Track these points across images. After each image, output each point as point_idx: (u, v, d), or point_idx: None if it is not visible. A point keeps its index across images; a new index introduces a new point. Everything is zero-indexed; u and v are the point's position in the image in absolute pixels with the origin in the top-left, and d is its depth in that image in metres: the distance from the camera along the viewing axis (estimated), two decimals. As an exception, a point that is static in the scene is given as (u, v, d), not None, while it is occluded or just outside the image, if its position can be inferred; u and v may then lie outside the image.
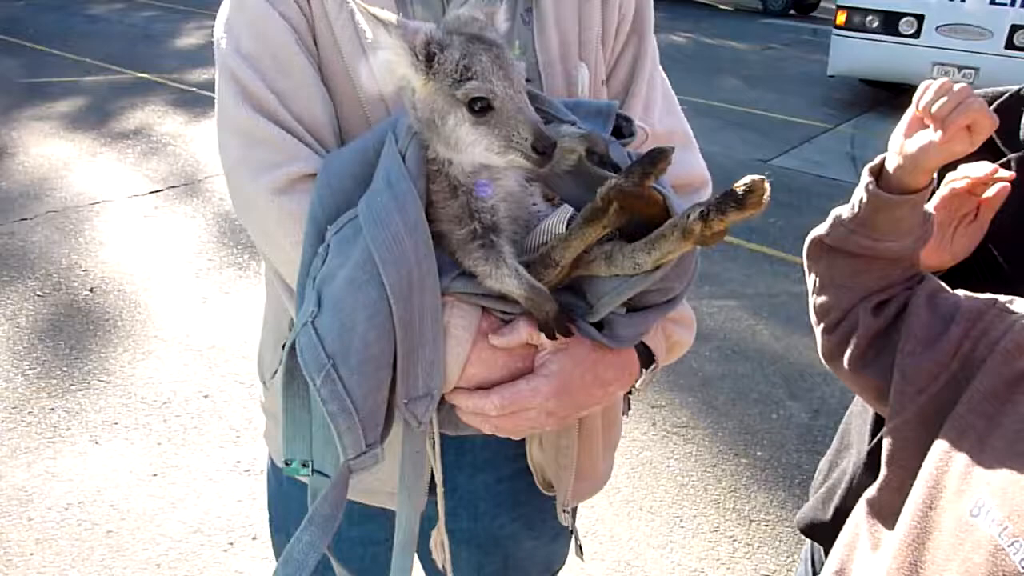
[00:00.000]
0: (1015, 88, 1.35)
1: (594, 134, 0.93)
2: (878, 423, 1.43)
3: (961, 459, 0.90)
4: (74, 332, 3.68)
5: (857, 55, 8.85)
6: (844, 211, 1.15)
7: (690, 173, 1.17)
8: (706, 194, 1.19)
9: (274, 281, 1.10)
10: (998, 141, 1.31)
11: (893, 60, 8.47)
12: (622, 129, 1.01)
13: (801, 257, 1.29)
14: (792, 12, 20.83)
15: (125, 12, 12.97)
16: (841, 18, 8.90)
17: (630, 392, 1.06)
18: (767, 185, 0.76)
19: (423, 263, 0.86)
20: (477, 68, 0.84)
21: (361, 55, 1.01)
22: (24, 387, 3.26)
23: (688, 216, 0.80)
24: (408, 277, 0.85)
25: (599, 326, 0.93)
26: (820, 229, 1.19)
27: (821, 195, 6.35)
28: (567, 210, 0.90)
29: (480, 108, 0.84)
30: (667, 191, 0.87)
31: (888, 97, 9.72)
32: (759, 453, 3.22)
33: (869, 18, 8.61)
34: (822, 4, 22.27)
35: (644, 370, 1.04)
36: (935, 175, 1.26)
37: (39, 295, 3.96)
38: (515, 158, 0.85)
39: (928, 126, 1.10)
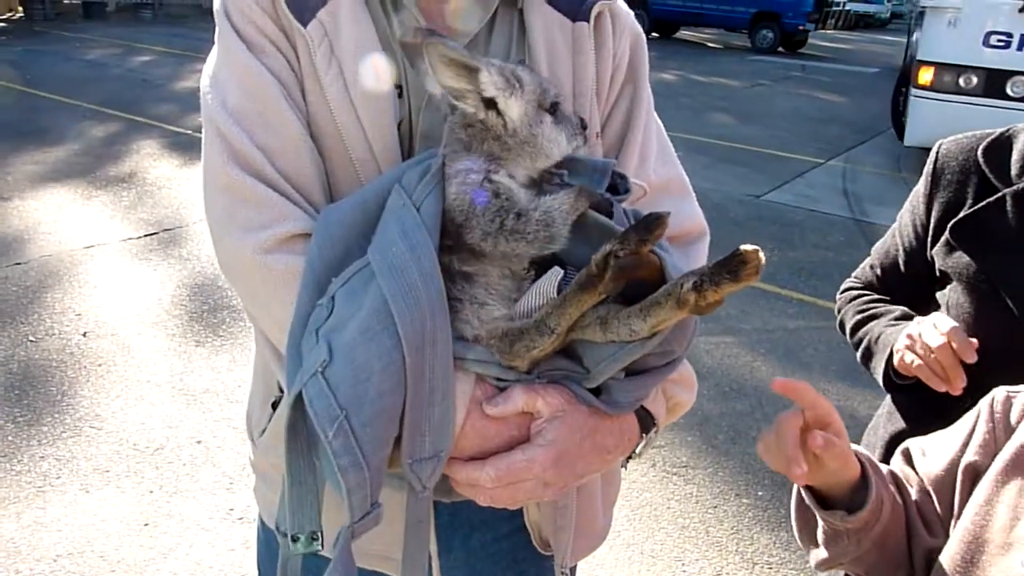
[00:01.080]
0: (1002, 129, 1.36)
1: (587, 188, 0.92)
2: None
3: (1004, 512, 0.88)
4: (66, 377, 3.64)
5: (947, 122, 7.00)
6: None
7: (687, 223, 1.15)
8: (704, 244, 1.17)
9: (259, 340, 1.08)
10: (991, 177, 1.32)
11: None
12: (617, 186, 1.00)
13: (796, 291, 1.29)
14: (780, 49, 21.20)
15: (122, 57, 13.12)
16: (925, 76, 7.28)
17: (630, 457, 1.03)
18: (762, 256, 0.75)
19: (437, 315, 0.85)
20: (543, 80, 1.00)
21: (350, 111, 1.01)
22: (15, 435, 3.22)
23: (682, 286, 0.79)
24: (422, 328, 0.84)
25: (596, 391, 0.91)
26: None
27: (815, 230, 6.39)
28: (557, 272, 0.89)
29: (556, 110, 0.98)
30: (663, 253, 0.86)
31: (877, 132, 9.84)
32: (760, 493, 3.18)
33: (966, 77, 6.99)
34: (810, 41, 22.67)
35: (644, 435, 1.01)
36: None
37: (31, 340, 3.93)
38: (579, 141, 1.00)
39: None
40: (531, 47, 1.07)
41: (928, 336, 1.26)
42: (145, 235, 5.37)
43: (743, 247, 0.75)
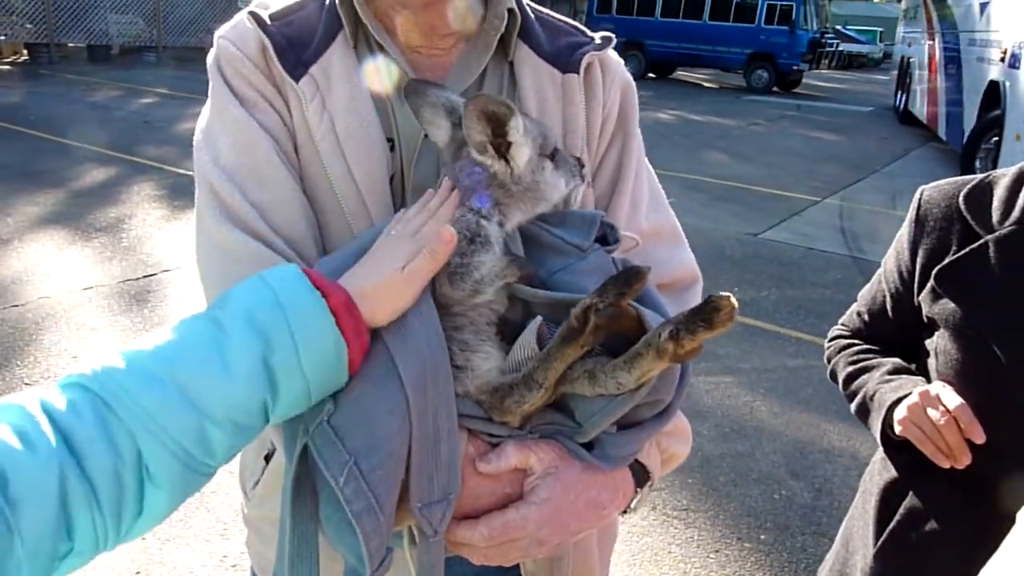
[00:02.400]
0: (983, 176, 1.38)
1: (522, 261, 0.94)
2: (880, 524, 1.40)
3: None
4: (61, 421, 3.61)
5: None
6: None
7: (679, 270, 1.15)
8: (696, 291, 1.17)
9: None
10: (973, 223, 1.32)
11: None
12: (607, 236, 1.00)
13: (795, 330, 1.29)
14: (775, 89, 21.51)
15: (125, 99, 13.28)
16: None
17: (624, 511, 1.01)
18: (734, 301, 0.76)
19: (436, 355, 0.85)
20: (542, 127, 1.01)
21: (343, 165, 1.01)
22: (7, 480, 3.18)
23: (660, 335, 0.79)
24: (423, 368, 0.84)
25: (589, 446, 0.90)
26: None
27: (813, 268, 6.40)
28: (536, 321, 0.89)
29: (554, 155, 0.99)
30: (639, 307, 0.86)
31: (873, 170, 9.93)
32: (763, 536, 3.13)
33: None
34: (804, 81, 22.99)
35: (639, 489, 0.99)
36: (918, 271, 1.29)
37: (27, 383, 3.90)
38: (578, 182, 1.02)
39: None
40: (521, 99, 1.07)
41: (933, 412, 1.23)
42: (144, 276, 5.38)
43: (715, 295, 0.77)
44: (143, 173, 8.17)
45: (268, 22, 1.03)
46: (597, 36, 1.13)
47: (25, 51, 18.31)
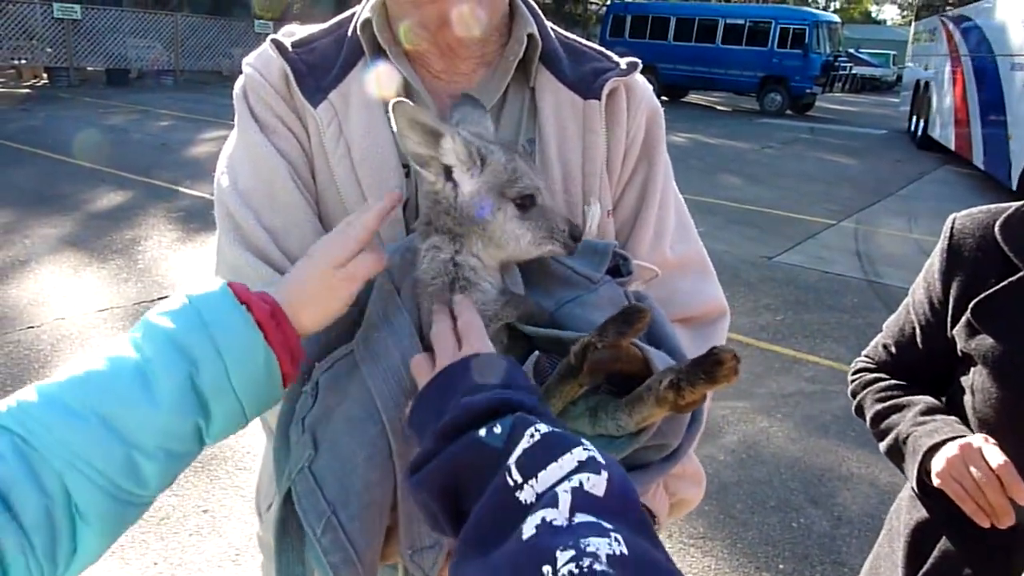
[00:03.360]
0: (1019, 203, 1.32)
1: (519, 299, 0.90)
2: (910, 568, 1.35)
3: None
4: (74, 443, 3.60)
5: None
6: None
7: (706, 304, 1.12)
8: (723, 326, 1.14)
9: (263, 417, 1.06)
10: (1011, 255, 1.27)
11: None
12: (619, 268, 0.98)
13: (812, 355, 1.25)
14: (788, 112, 21.52)
15: (142, 122, 13.45)
16: None
17: None
18: (737, 359, 0.74)
19: None
20: (521, 169, 0.91)
21: (357, 190, 1.01)
22: (19, 503, 3.17)
23: (661, 383, 0.77)
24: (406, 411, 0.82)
25: None
26: None
27: (829, 291, 6.35)
28: (532, 356, 0.87)
29: (526, 204, 0.90)
30: (644, 347, 0.83)
31: (888, 193, 9.86)
32: (781, 566, 3.07)
33: None
34: (817, 104, 23.00)
35: None
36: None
37: (41, 405, 3.91)
38: (555, 248, 0.91)
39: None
40: (541, 125, 1.06)
41: (975, 469, 1.17)
42: (159, 298, 5.39)
43: (719, 348, 0.74)
44: (159, 195, 8.24)
45: (289, 49, 1.04)
46: (623, 62, 1.11)
47: (45, 74, 18.62)
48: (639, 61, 1.12)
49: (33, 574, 0.67)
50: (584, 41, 1.15)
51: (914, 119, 16.40)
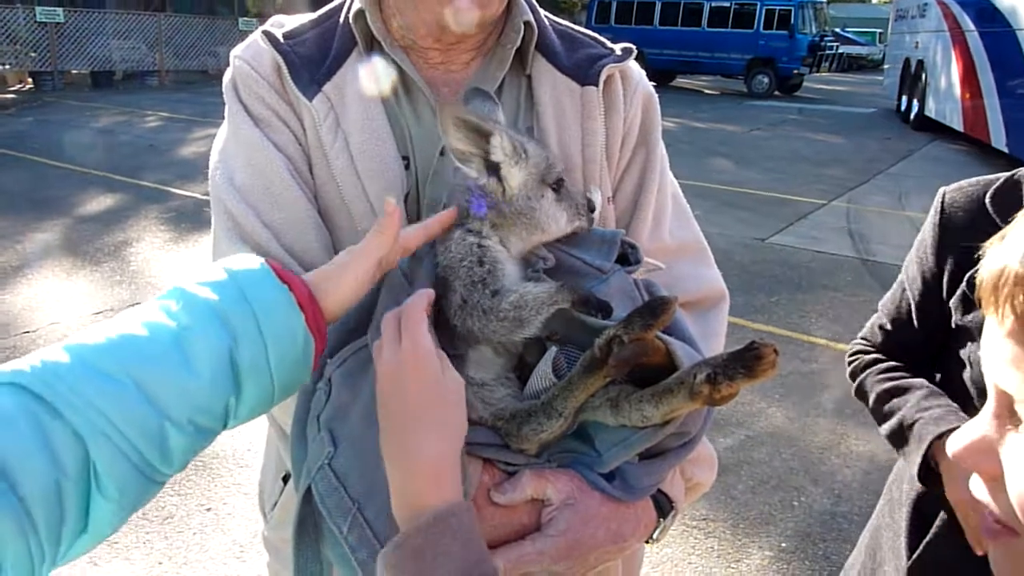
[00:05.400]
0: (1007, 174, 1.33)
1: (571, 287, 0.88)
2: (913, 536, 1.35)
3: None
4: (74, 447, 3.60)
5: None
6: None
7: (704, 288, 1.12)
8: (722, 310, 1.14)
9: (268, 419, 1.05)
10: (1003, 225, 1.27)
11: None
12: (628, 256, 0.97)
13: (808, 334, 1.25)
14: (776, 94, 21.52)
15: (129, 124, 13.36)
16: None
17: (647, 540, 0.97)
18: (776, 352, 0.73)
19: None
20: (551, 155, 0.97)
21: (356, 184, 1.00)
22: (22, 508, 3.17)
23: (695, 376, 0.76)
24: None
25: (610, 476, 0.86)
26: None
27: (823, 271, 6.37)
28: (551, 352, 0.86)
29: (558, 187, 0.95)
30: (668, 339, 0.83)
31: (877, 172, 9.88)
32: (784, 544, 3.10)
33: None
34: (805, 84, 23.00)
35: (661, 519, 0.95)
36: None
37: (40, 410, 3.90)
38: (582, 223, 0.96)
39: None
40: (539, 114, 1.06)
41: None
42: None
43: (759, 341, 0.73)
44: (149, 197, 8.21)
45: (281, 41, 1.03)
46: (618, 48, 1.11)
47: (30, 79, 18.47)
48: (633, 47, 1.12)
49: (33, 556, 0.62)
50: (578, 28, 1.15)
51: (904, 99, 16.17)
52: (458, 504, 0.73)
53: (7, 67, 18.06)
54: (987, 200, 1.30)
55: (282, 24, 1.07)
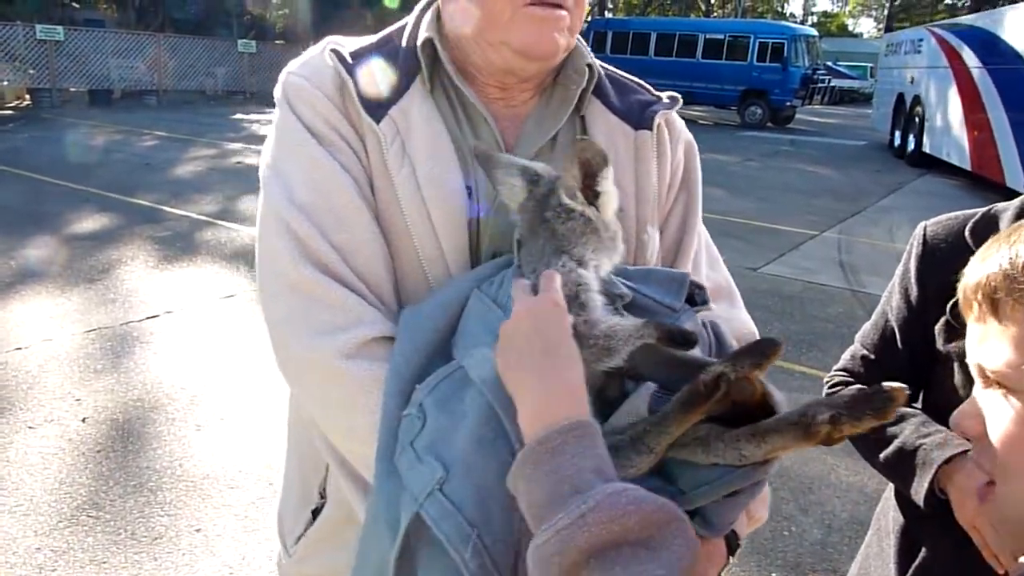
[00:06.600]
0: (984, 209, 1.37)
1: (665, 325, 0.87)
2: (902, 564, 1.37)
3: None
4: (64, 465, 3.58)
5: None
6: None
7: (737, 328, 1.12)
8: None
9: (321, 448, 1.01)
10: None
11: None
12: (695, 296, 0.97)
13: (798, 364, 1.27)
14: (769, 125, 21.76)
15: (126, 142, 13.40)
16: None
17: None
18: (906, 394, 0.74)
19: None
20: None
21: (422, 210, 0.98)
22: (10, 525, 3.15)
23: (815, 417, 0.75)
24: None
25: (690, 513, 0.83)
26: None
27: (814, 301, 6.42)
28: (649, 387, 0.85)
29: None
30: (765, 381, 0.82)
31: (868, 204, 9.98)
32: (775, 574, 3.10)
33: None
34: (797, 116, 23.26)
35: (730, 556, 0.95)
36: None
37: (30, 427, 3.88)
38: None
39: None
40: None
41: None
42: (147, 318, 5.38)
43: (889, 385, 0.74)
44: (144, 215, 8.22)
45: (349, 60, 1.01)
46: (664, 96, 1.15)
47: (27, 96, 18.53)
48: (679, 97, 1.16)
49: None
50: (623, 73, 1.18)
51: (897, 133, 16.14)
52: (594, 421, 0.76)
53: (6, 83, 18.13)
54: (966, 233, 1.35)
55: (341, 44, 1.05)
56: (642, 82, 1.18)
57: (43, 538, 3.08)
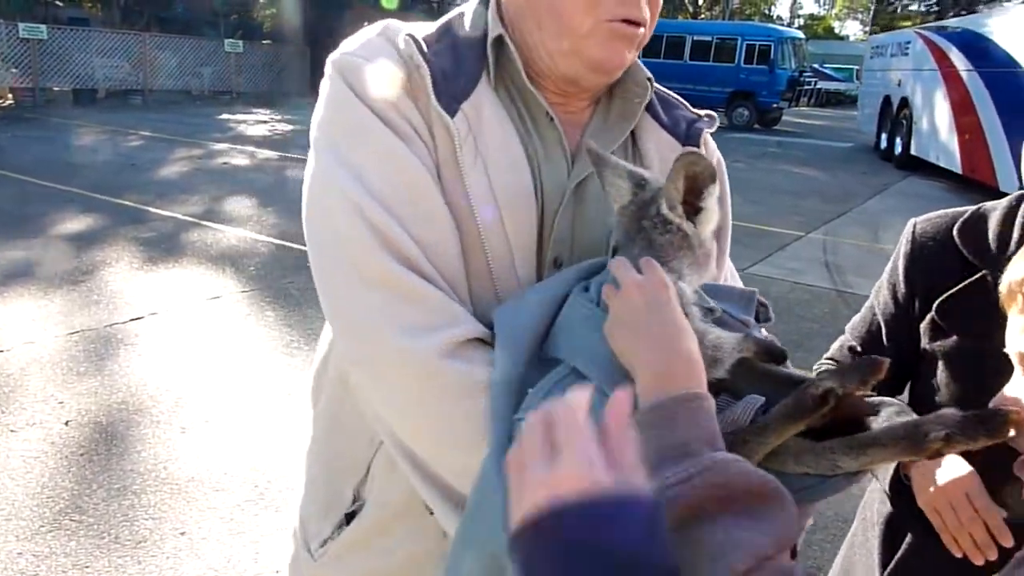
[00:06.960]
0: (974, 207, 1.39)
1: (765, 341, 0.89)
2: (885, 554, 1.39)
3: None
4: (47, 468, 3.54)
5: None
6: None
7: None
8: None
9: (394, 452, 0.96)
10: (969, 256, 1.33)
11: None
12: (759, 314, 0.98)
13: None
14: (756, 126, 21.87)
15: (111, 142, 13.29)
16: None
17: None
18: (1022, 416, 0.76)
19: None
20: None
21: (494, 210, 0.96)
22: (-9, 530, 3.11)
23: (928, 434, 0.76)
24: None
25: None
26: None
27: (801, 302, 6.45)
28: (755, 401, 0.85)
29: None
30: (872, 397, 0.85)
31: (854, 205, 10.04)
32: (760, 574, 3.10)
33: None
34: (784, 118, 23.40)
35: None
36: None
37: (12, 431, 3.84)
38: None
39: None
40: (649, 168, 1.07)
41: (960, 509, 1.20)
42: (131, 320, 5.34)
43: (1005, 407, 0.77)
44: (129, 216, 8.16)
45: (426, 49, 0.97)
46: (702, 113, 1.17)
47: (10, 95, 18.36)
48: (715, 115, 1.19)
49: None
50: (663, 88, 1.19)
51: (883, 136, 16.20)
52: (710, 396, 0.76)
53: (-12, 83, 17.97)
54: (954, 232, 1.36)
55: (397, 30, 0.99)
56: (681, 99, 1.20)
57: (25, 543, 3.05)
